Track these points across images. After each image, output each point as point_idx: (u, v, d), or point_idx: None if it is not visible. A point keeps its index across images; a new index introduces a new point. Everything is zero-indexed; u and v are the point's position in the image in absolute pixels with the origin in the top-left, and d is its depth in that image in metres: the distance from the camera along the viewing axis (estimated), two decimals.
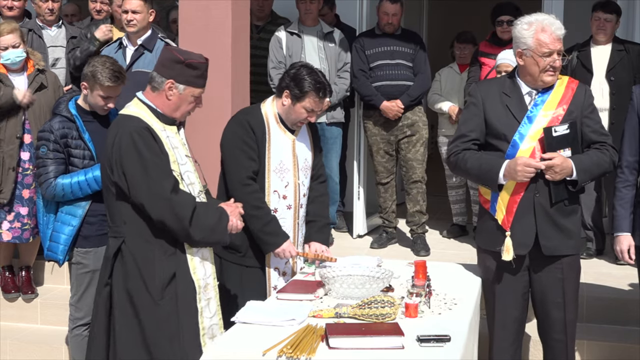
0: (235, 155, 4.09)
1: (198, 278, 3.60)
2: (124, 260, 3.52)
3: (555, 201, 3.85)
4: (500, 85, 3.99)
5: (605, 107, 5.81)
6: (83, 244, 4.46)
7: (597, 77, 5.96)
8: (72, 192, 4.38)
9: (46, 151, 4.39)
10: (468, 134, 3.97)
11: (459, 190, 6.89)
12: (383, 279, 3.73)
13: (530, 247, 3.89)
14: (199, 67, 3.56)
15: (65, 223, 4.44)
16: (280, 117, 4.19)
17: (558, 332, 3.97)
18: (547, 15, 3.95)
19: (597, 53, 6.03)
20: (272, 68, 6.43)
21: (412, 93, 6.26)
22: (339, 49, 6.46)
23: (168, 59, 3.56)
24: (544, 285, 3.95)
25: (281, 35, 6.46)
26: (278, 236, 4.11)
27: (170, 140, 3.56)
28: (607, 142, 3.93)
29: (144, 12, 5.65)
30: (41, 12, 6.31)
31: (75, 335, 4.59)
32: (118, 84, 4.37)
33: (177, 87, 3.54)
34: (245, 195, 4.04)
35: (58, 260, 4.50)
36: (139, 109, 3.58)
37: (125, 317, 3.52)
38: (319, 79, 4.10)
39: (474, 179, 4.32)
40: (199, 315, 3.59)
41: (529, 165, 3.76)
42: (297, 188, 4.23)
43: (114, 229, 3.58)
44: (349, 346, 3.05)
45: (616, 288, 5.38)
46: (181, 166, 3.57)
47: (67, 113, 4.44)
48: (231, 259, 4.21)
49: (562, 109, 3.86)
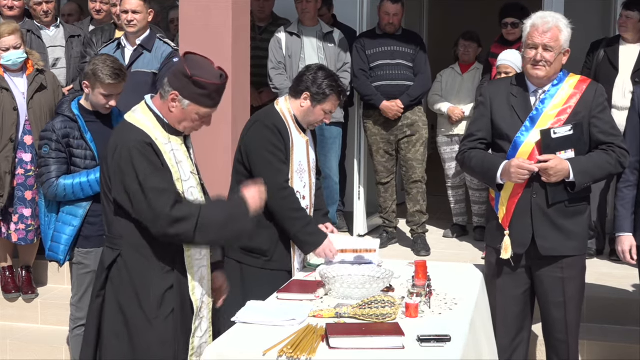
0: (268, 160, 4.05)
1: (196, 299, 3.47)
2: (120, 273, 3.35)
3: (553, 203, 3.84)
4: (509, 85, 4.00)
5: (625, 106, 5.77)
6: (84, 244, 4.47)
7: (622, 76, 5.95)
8: (74, 193, 4.38)
9: (48, 150, 4.39)
10: (475, 134, 4.02)
11: (458, 190, 6.89)
12: (383, 279, 3.73)
13: (527, 246, 3.89)
14: (206, 87, 3.31)
15: (67, 223, 4.44)
16: (295, 118, 4.19)
17: (560, 332, 3.97)
18: (551, 12, 3.93)
19: (625, 51, 6.02)
20: (271, 69, 6.43)
21: (412, 93, 6.27)
22: (339, 49, 6.46)
23: (178, 70, 3.34)
24: (545, 285, 3.95)
25: (281, 36, 6.46)
26: (319, 235, 4.11)
27: (175, 155, 3.37)
28: (615, 142, 3.86)
29: (143, 12, 5.65)
30: (37, 14, 6.32)
31: (76, 335, 4.58)
32: (119, 81, 4.37)
33: (180, 100, 3.32)
34: (284, 199, 4.04)
35: (59, 261, 4.50)
36: (145, 115, 3.39)
37: (115, 334, 3.36)
38: (338, 82, 4.17)
39: (479, 178, 4.40)
40: (191, 336, 3.47)
41: (521, 167, 3.77)
42: (312, 188, 4.26)
43: (111, 239, 3.41)
44: (350, 346, 3.05)
45: (616, 288, 5.38)
46: (184, 183, 3.40)
47: (69, 113, 4.44)
48: (256, 264, 4.14)
49: (568, 110, 3.84)
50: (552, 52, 3.80)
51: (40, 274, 6.04)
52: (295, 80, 4.25)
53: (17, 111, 5.38)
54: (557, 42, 3.81)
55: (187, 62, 3.35)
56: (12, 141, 5.36)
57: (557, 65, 3.86)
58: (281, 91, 6.26)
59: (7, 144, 5.35)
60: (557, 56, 3.82)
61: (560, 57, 3.85)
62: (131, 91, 4.66)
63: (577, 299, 3.98)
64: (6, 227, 5.51)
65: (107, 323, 3.40)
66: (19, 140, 5.39)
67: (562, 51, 3.83)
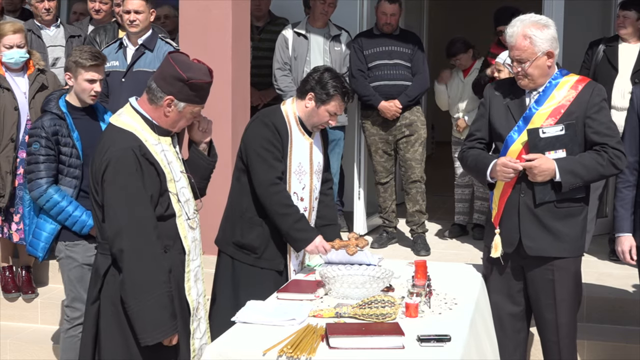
0: (262, 155, 4.06)
1: (192, 300, 3.46)
2: (115, 279, 3.30)
3: (539, 202, 3.82)
4: (509, 86, 4.00)
5: (624, 106, 5.77)
6: (70, 237, 4.37)
7: (622, 76, 5.95)
8: (53, 211, 4.30)
9: (38, 147, 4.31)
10: (475, 133, 4.06)
11: (465, 189, 6.90)
12: (383, 278, 3.73)
13: (515, 246, 3.89)
14: (202, 87, 3.36)
15: (48, 221, 4.36)
16: (299, 120, 4.18)
17: (551, 333, 3.96)
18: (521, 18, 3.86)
19: (625, 52, 6.02)
20: (277, 69, 6.43)
21: (411, 93, 6.27)
22: (345, 52, 6.47)
23: (170, 74, 3.32)
24: (535, 286, 3.94)
25: (288, 35, 6.46)
26: (310, 232, 4.09)
27: (165, 155, 3.37)
28: (609, 143, 3.81)
29: (145, 12, 5.65)
30: (38, 12, 6.31)
31: (71, 336, 4.49)
32: (99, 63, 4.34)
33: (176, 104, 3.33)
34: (274, 194, 4.04)
35: (38, 257, 4.44)
36: (132, 118, 3.36)
37: (112, 339, 3.34)
38: (344, 83, 4.15)
39: (474, 176, 4.44)
40: (191, 338, 3.46)
41: (506, 165, 3.77)
42: (312, 191, 4.24)
43: (103, 245, 3.36)
44: (349, 346, 3.05)
45: (616, 288, 5.38)
46: (176, 183, 3.41)
47: (57, 110, 4.37)
48: (246, 260, 4.16)
49: (562, 109, 3.83)
50: (525, 63, 3.78)
51: (40, 274, 6.04)
52: (302, 81, 4.26)
53: (18, 111, 5.37)
54: (525, 51, 3.76)
55: (178, 64, 3.33)
56: (13, 141, 5.35)
57: (540, 71, 3.81)
58: (285, 94, 6.26)
59: (8, 143, 5.35)
60: (532, 64, 3.77)
61: (539, 62, 3.78)
62: (133, 90, 4.64)
63: (568, 301, 3.93)
64: (7, 227, 5.51)
65: (103, 328, 3.38)
66: (20, 139, 5.39)
67: (536, 57, 3.77)
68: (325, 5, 6.44)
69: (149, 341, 3.22)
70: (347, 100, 4.17)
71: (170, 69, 3.33)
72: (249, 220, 4.15)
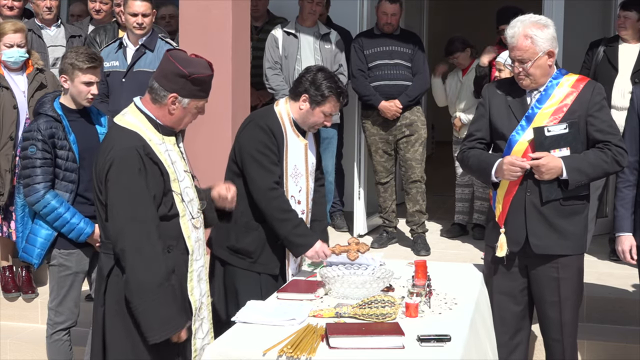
0: (259, 160, 4.00)
1: (195, 299, 3.45)
2: (118, 280, 3.29)
3: (546, 201, 3.84)
4: (508, 86, 4.00)
5: (624, 106, 5.76)
6: (65, 245, 4.30)
7: (622, 76, 5.95)
8: (50, 217, 4.22)
9: (35, 150, 4.20)
10: (474, 134, 4.05)
11: (465, 189, 6.90)
12: (383, 278, 3.73)
13: (522, 245, 3.90)
14: (204, 81, 3.35)
15: (43, 226, 4.28)
16: (293, 121, 4.12)
17: (555, 332, 3.97)
18: (522, 18, 3.87)
19: (625, 52, 6.02)
20: (268, 68, 6.43)
21: (411, 93, 6.27)
22: (335, 51, 6.47)
23: (171, 71, 3.30)
24: (540, 284, 3.95)
25: (278, 35, 6.46)
26: (309, 237, 4.03)
27: (169, 155, 3.36)
28: (612, 141, 3.84)
29: (152, 14, 5.67)
30: (39, 10, 6.30)
31: (55, 340, 4.47)
32: (96, 65, 4.27)
33: (180, 100, 3.32)
34: (273, 200, 3.99)
35: (33, 264, 4.35)
36: (136, 117, 3.35)
37: (117, 340, 3.34)
38: (338, 83, 4.09)
39: (476, 176, 4.43)
40: (193, 338, 3.44)
41: (513, 164, 3.77)
42: (308, 193, 4.20)
43: (106, 245, 3.35)
44: (349, 346, 3.05)
45: (616, 288, 5.38)
46: (180, 183, 3.40)
47: (53, 113, 4.27)
48: (240, 265, 4.11)
49: (564, 108, 3.84)
50: (526, 63, 3.79)
51: (40, 273, 6.04)
52: (295, 82, 4.20)
53: (17, 109, 5.38)
54: (527, 51, 3.78)
55: (178, 61, 3.33)
56: (12, 139, 5.36)
57: (541, 70, 3.82)
58: (277, 92, 6.26)
59: (7, 141, 5.35)
60: (533, 64, 3.78)
61: (540, 62, 3.80)
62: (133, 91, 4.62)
63: (572, 299, 3.95)
64: (7, 226, 5.51)
65: (108, 328, 3.37)
66: (19, 138, 5.38)
67: (538, 57, 3.78)
68: (313, 4, 6.44)
69: (157, 339, 3.22)
70: (342, 100, 4.11)
71: (170, 67, 3.32)
72: (244, 225, 4.08)
